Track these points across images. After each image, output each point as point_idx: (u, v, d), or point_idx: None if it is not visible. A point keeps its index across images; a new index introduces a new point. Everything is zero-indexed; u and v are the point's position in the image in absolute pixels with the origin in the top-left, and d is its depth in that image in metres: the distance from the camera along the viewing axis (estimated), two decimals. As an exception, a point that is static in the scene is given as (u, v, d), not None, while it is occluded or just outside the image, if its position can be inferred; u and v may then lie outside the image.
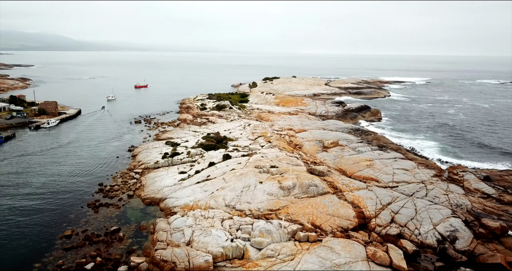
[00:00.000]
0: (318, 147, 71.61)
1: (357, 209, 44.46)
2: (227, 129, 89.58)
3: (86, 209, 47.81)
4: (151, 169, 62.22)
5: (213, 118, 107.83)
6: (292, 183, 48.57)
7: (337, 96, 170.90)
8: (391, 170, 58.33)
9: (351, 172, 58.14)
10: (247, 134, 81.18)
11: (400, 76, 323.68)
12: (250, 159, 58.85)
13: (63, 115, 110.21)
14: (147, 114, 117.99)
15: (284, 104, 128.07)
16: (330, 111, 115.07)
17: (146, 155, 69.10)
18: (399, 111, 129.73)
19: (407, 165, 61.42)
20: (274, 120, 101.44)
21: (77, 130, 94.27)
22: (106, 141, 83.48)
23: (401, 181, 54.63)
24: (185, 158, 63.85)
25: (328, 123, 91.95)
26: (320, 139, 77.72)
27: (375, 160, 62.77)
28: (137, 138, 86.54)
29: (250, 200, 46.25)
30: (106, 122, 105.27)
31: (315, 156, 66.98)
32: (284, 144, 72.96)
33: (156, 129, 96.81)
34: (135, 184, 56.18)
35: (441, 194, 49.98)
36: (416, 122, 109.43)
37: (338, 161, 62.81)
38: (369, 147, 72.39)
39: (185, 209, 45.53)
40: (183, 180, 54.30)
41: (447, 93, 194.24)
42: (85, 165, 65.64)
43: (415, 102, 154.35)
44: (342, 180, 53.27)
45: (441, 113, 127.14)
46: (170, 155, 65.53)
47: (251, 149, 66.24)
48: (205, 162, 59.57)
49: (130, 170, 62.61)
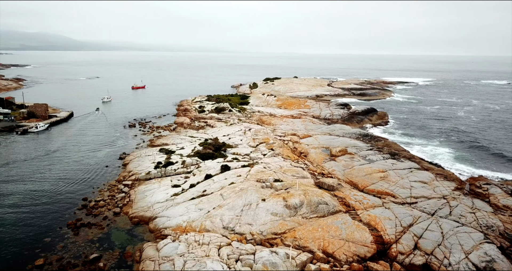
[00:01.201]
0: (325, 155, 65.82)
1: (374, 233, 38.69)
2: (226, 134, 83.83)
3: (65, 230, 42.04)
4: (142, 181, 56.48)
5: (212, 122, 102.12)
6: (299, 200, 42.80)
7: (341, 97, 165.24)
8: (408, 183, 52.56)
9: (364, 186, 52.36)
10: (248, 140, 75.40)
11: (403, 76, 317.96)
12: (251, 171, 53.09)
13: (53, 119, 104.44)
14: (143, 117, 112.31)
15: (286, 106, 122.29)
16: (335, 114, 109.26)
17: (138, 164, 63.33)
18: (406, 113, 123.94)
19: (425, 176, 55.65)
20: (276, 124, 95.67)
21: (67, 135, 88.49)
22: (96, 147, 77.74)
23: (420, 196, 48.87)
24: (180, 169, 58.06)
25: (334, 128, 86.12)
26: (326, 146, 71.93)
27: (389, 171, 56.98)
28: (130, 144, 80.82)
29: (252, 221, 40.49)
30: (98, 126, 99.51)
31: (322, 166, 61.17)
32: (288, 152, 67.18)
33: (151, 133, 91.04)
34: (123, 199, 50.45)
35: (467, 212, 44.23)
36: (426, 126, 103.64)
37: (348, 172, 57.01)
38: (380, 155, 66.59)
39: (177, 232, 39.79)
40: (176, 195, 48.56)
41: (454, 94, 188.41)
42: (70, 175, 59.88)
43: (422, 104, 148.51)
44: (354, 196, 47.49)
45: (451, 116, 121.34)
46: (164, 165, 59.79)
47: (252, 158, 60.45)
48: (201, 174, 53.80)
49: (119, 182, 56.85)
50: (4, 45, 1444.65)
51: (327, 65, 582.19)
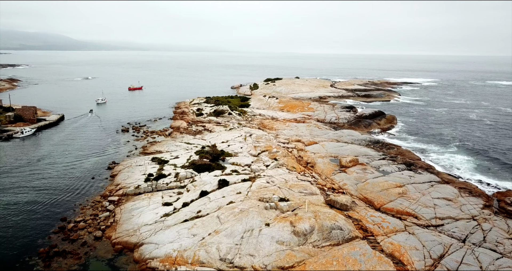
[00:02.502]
0: (334, 166, 59.60)
1: (400, 267, 32.53)
2: (225, 141, 77.70)
3: (35, 260, 35.89)
4: (131, 196, 50.34)
5: (210, 126, 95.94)
6: (309, 225, 36.64)
7: (345, 99, 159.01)
8: (430, 201, 46.38)
9: (380, 203, 46.18)
10: (249, 148, 69.21)
11: (406, 76, 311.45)
12: (253, 186, 46.90)
13: (42, 122, 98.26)
14: (138, 120, 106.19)
15: (289, 109, 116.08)
16: (341, 117, 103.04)
17: (127, 176, 57.19)
18: (415, 117, 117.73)
19: (448, 192, 49.47)
20: (279, 128, 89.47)
21: (54, 141, 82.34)
22: (84, 155, 71.58)
23: (446, 217, 42.68)
24: (172, 183, 51.93)
25: (342, 133, 79.84)
26: (335, 154, 65.74)
27: (407, 186, 50.81)
28: (121, 151, 74.70)
29: (254, 251, 34.32)
30: (89, 131, 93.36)
31: (332, 179, 54.97)
32: (293, 162, 60.98)
33: (145, 139, 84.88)
34: (107, 219, 44.31)
35: (503, 238, 38.06)
36: (438, 131, 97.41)
37: (362, 187, 50.82)
38: (395, 165, 60.40)
39: (166, 264, 33.67)
40: (167, 215, 42.40)
41: (462, 95, 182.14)
42: (52, 189, 53.75)
43: (430, 106, 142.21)
44: (371, 217, 41.32)
45: (462, 119, 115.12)
46: (155, 178, 53.66)
47: (253, 171, 54.24)
48: (196, 189, 47.61)
49: (104, 198, 50.70)
50: (4, 44, 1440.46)
51: (327, 65, 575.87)
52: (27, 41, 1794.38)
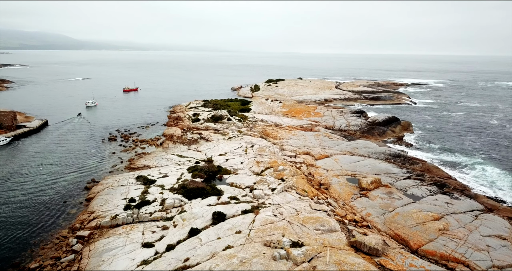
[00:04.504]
0: (352, 188, 49.94)
1: None
2: (223, 153, 68.14)
3: None
4: (105, 230, 40.76)
5: (207, 134, 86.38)
6: (334, 289, 27.04)
7: (352, 101, 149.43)
8: (481, 241, 36.72)
9: (418, 243, 36.54)
10: (250, 163, 59.56)
11: (411, 77, 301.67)
12: (256, 221, 37.25)
13: (21, 130, 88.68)
14: (128, 127, 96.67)
15: (294, 114, 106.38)
16: (352, 124, 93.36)
17: (105, 201, 47.61)
18: (431, 122, 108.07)
19: (499, 227, 39.81)
20: (283, 137, 79.85)
21: (30, 153, 72.76)
22: (60, 171, 61.99)
23: (506, 265, 33.08)
24: (157, 212, 42.31)
25: (357, 145, 70.04)
26: (352, 172, 56.11)
27: (446, 217, 41.15)
28: (104, 166, 65.16)
29: None
30: (72, 139, 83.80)
31: (352, 206, 45.31)
32: (304, 183, 51.33)
33: (133, 150, 75.30)
34: (70, 264, 34.73)
35: None
36: (460, 139, 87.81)
37: (391, 219, 41.15)
38: (425, 187, 50.75)
39: None
40: (145, 263, 32.78)
41: (474, 97, 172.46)
42: (11, 219, 44.20)
43: (445, 110, 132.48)
44: (411, 267, 31.68)
45: (483, 125, 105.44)
46: (137, 205, 44.07)
47: (256, 197, 44.56)
48: (184, 225, 37.94)
49: (73, 231, 41.06)
50: (4, 44, 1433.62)
51: (328, 64, 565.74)
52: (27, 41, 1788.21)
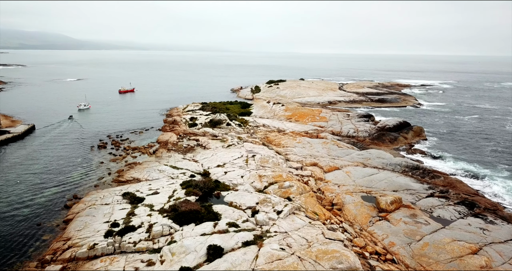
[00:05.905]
0: (369, 208, 43.43)
1: None
2: (221, 163, 61.73)
3: None
4: (81, 263, 34.32)
5: (205, 140, 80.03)
6: None
7: (357, 104, 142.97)
8: (534, 282, 30.31)
9: (456, 286, 30.10)
10: (252, 177, 53.10)
11: (415, 78, 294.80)
12: (260, 257, 30.78)
13: (3, 136, 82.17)
14: (121, 132, 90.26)
15: (297, 118, 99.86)
16: (360, 129, 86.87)
17: (84, 224, 41.17)
18: (444, 127, 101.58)
19: (550, 261, 33.37)
20: (288, 145, 73.41)
21: (9, 163, 66.24)
22: (40, 185, 55.55)
23: None
24: (142, 242, 35.82)
25: (370, 155, 63.44)
26: (367, 188, 49.63)
27: (485, 249, 34.69)
28: (90, 178, 58.72)
29: None
30: (58, 147, 77.35)
31: (371, 232, 38.80)
32: (313, 203, 44.83)
33: (123, 159, 68.85)
34: (32, 313, 28.29)
35: None
36: (478, 146, 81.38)
37: (419, 251, 34.65)
38: (452, 207, 44.28)
39: None
40: (123, 315, 26.33)
41: (483, 99, 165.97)
42: (-28, 247, 37.81)
43: (457, 113, 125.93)
44: None
45: (498, 130, 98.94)
46: (120, 231, 37.59)
47: (259, 223, 38.01)
48: (173, 261, 31.49)
49: (42, 265, 34.63)
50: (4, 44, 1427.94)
51: (329, 65, 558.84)
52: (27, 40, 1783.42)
